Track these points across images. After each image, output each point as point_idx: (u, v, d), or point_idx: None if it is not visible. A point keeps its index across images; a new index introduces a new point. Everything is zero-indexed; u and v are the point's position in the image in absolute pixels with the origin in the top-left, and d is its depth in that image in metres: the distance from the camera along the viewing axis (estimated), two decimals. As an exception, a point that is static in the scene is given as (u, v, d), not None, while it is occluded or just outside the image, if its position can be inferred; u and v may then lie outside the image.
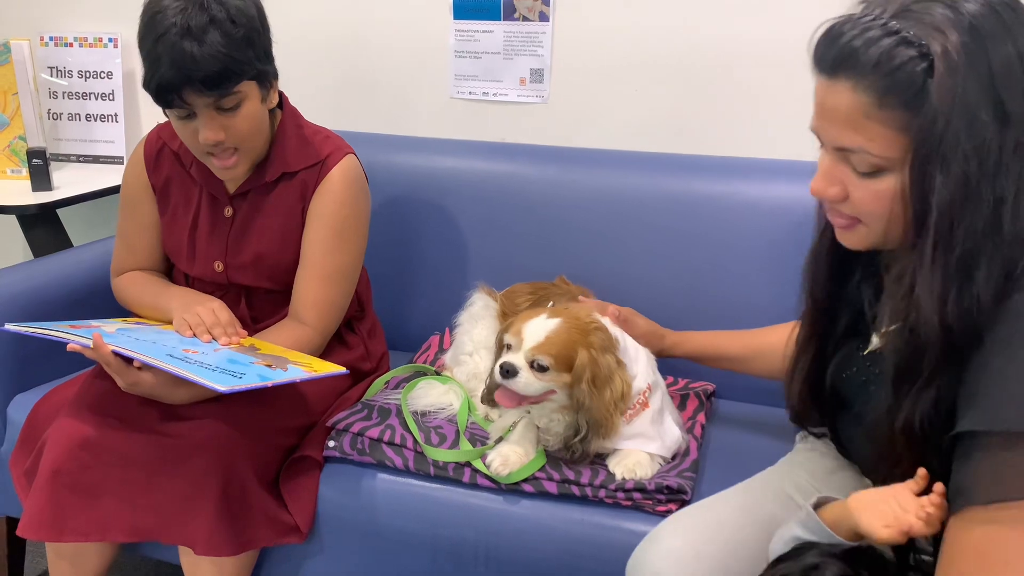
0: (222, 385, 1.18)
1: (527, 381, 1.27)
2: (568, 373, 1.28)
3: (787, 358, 1.12)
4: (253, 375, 1.24)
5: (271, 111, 1.47)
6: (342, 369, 1.35)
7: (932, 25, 0.78)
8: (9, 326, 1.35)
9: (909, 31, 0.79)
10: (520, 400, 1.30)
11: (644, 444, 1.33)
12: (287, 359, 1.33)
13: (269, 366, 1.29)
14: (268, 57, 1.40)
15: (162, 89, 1.30)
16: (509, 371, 1.27)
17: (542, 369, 1.28)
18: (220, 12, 1.30)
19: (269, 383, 1.23)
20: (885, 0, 0.83)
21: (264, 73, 1.39)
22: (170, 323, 1.43)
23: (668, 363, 1.53)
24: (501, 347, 1.35)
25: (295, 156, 1.48)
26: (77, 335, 1.29)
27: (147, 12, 1.32)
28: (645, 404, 1.34)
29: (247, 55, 1.33)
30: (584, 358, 1.28)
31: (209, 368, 1.25)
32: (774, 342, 1.23)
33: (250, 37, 1.33)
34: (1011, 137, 0.78)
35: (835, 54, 0.84)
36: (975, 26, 0.78)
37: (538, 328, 1.29)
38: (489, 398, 1.37)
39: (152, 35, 1.30)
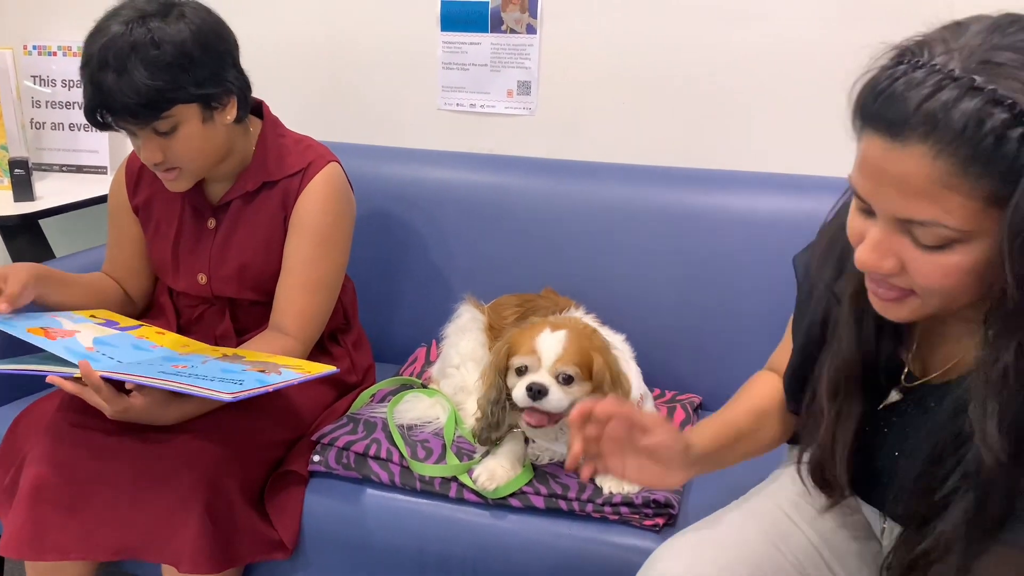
0: (226, 393, 1.16)
1: (559, 397, 1.26)
2: (589, 381, 1.29)
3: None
4: (252, 380, 1.23)
5: (243, 122, 1.45)
6: (333, 368, 1.34)
7: (1018, 80, 0.69)
8: None
9: (998, 89, 0.68)
10: (552, 418, 1.29)
11: None
12: (276, 364, 1.32)
13: (262, 371, 1.28)
14: (213, 78, 1.34)
15: (89, 114, 1.33)
16: (540, 391, 1.25)
17: (568, 381, 1.27)
18: (144, 38, 1.27)
19: (270, 387, 1.22)
20: (943, 45, 0.73)
21: (206, 96, 1.34)
22: (146, 325, 1.43)
23: (653, 375, 1.53)
24: (501, 371, 1.33)
25: (276, 165, 1.48)
26: (56, 357, 1.26)
27: (87, 36, 1.33)
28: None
29: (176, 81, 1.29)
30: (600, 362, 1.29)
31: (207, 379, 1.23)
32: (767, 397, 1.12)
33: (179, 63, 1.29)
34: None
35: (903, 114, 0.72)
36: None
37: (553, 342, 1.29)
38: (488, 436, 1.34)
39: (81, 62, 1.31)
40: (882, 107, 0.74)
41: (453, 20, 1.94)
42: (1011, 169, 0.69)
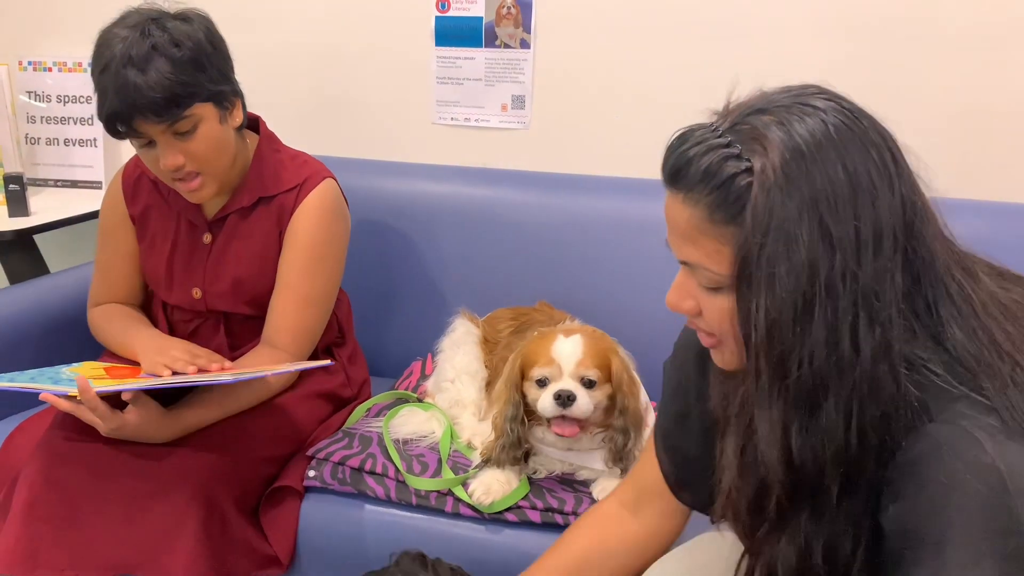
0: (224, 376, 1.21)
1: (586, 402, 1.26)
2: (608, 383, 1.29)
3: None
4: (245, 374, 1.27)
5: (241, 132, 1.46)
6: (328, 360, 1.39)
7: (758, 140, 0.75)
8: None
9: (737, 145, 0.76)
10: (582, 424, 1.28)
11: None
12: (272, 369, 1.36)
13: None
14: (223, 77, 1.38)
15: (111, 120, 1.30)
16: (569, 397, 1.25)
17: (590, 385, 1.28)
18: (162, 38, 1.29)
19: (269, 373, 1.28)
20: (729, 111, 0.81)
21: (220, 93, 1.36)
22: (138, 365, 1.41)
23: (648, 387, 1.53)
24: (517, 385, 1.32)
25: (272, 180, 1.48)
26: (48, 385, 1.27)
27: (96, 44, 1.33)
28: (645, 424, 1.34)
29: (196, 78, 1.31)
30: (617, 363, 1.30)
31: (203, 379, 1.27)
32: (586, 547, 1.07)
33: (197, 59, 1.32)
34: (839, 262, 0.72)
35: (672, 164, 0.81)
36: (799, 147, 0.73)
37: (570, 347, 1.29)
38: (510, 455, 1.31)
39: (98, 67, 1.30)
40: (665, 160, 0.83)
41: (447, 35, 1.95)
42: (740, 215, 0.75)
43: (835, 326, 0.73)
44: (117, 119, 1.29)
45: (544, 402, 1.27)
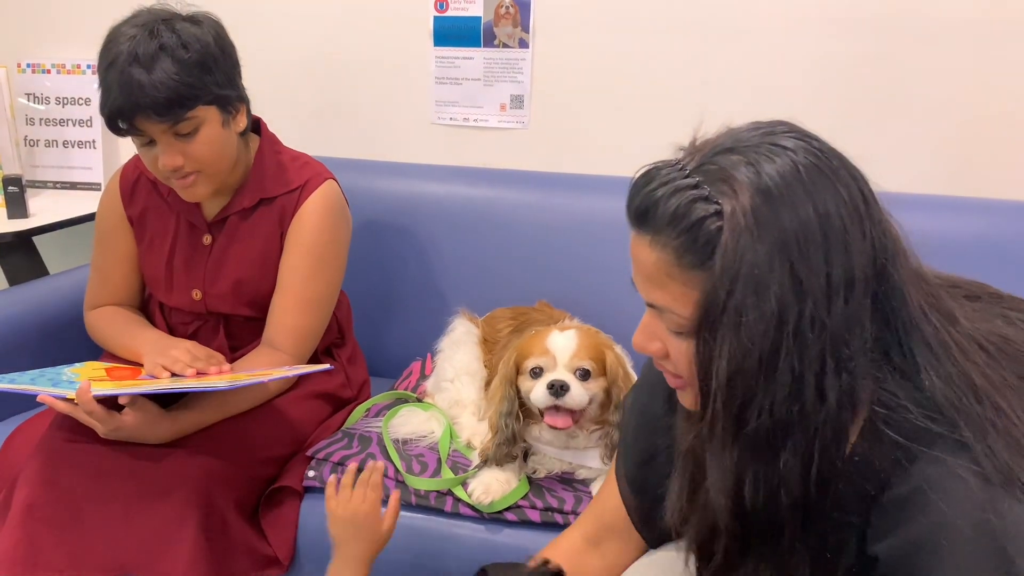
0: (223, 382, 1.21)
1: (579, 393, 1.26)
2: (604, 376, 1.30)
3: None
4: (243, 381, 1.27)
5: (245, 136, 1.46)
6: (326, 365, 1.39)
7: (726, 181, 0.72)
8: None
9: (705, 186, 0.73)
10: (575, 416, 1.28)
11: None
12: (270, 374, 1.35)
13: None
14: (230, 82, 1.38)
15: (113, 116, 1.30)
16: (562, 387, 1.25)
17: (584, 376, 1.28)
18: (171, 39, 1.29)
19: (266, 378, 1.28)
20: (696, 148, 0.78)
21: (225, 98, 1.37)
22: (140, 365, 1.41)
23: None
24: (512, 381, 1.32)
25: (273, 182, 1.48)
26: (47, 387, 1.27)
27: (104, 40, 1.33)
28: None
29: (201, 80, 1.31)
30: (612, 357, 1.31)
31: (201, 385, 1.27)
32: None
33: (204, 62, 1.32)
34: (809, 310, 0.70)
35: (638, 205, 0.77)
36: (769, 188, 0.71)
37: (565, 340, 1.30)
38: (505, 452, 1.31)
39: (104, 63, 1.30)
40: (631, 199, 0.79)
41: (446, 35, 1.95)
42: (708, 259, 0.72)
43: (801, 375, 0.71)
44: (119, 116, 1.30)
45: (537, 392, 1.27)
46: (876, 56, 1.71)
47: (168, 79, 1.27)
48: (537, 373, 1.29)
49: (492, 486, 1.30)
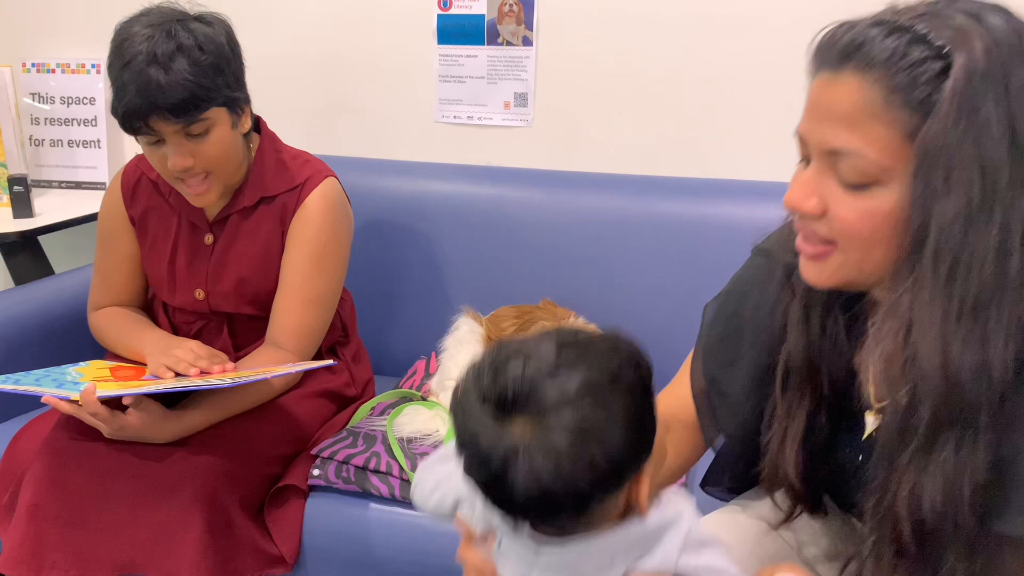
0: (224, 380, 1.21)
1: None
2: None
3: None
4: (246, 377, 1.27)
5: (247, 136, 1.47)
6: (330, 360, 1.41)
7: (955, 28, 0.72)
8: None
9: (928, 30, 0.72)
10: None
11: None
12: (274, 370, 1.36)
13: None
14: (239, 83, 1.39)
15: (128, 116, 1.30)
16: None
17: None
18: (188, 39, 1.30)
19: (270, 374, 1.29)
20: (898, 10, 0.77)
21: (234, 99, 1.37)
22: (144, 365, 1.41)
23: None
24: None
25: (273, 180, 1.48)
26: (52, 387, 1.27)
27: (116, 39, 1.32)
28: None
29: (215, 82, 1.32)
30: None
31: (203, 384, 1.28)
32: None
33: (218, 64, 1.33)
34: (1019, 165, 0.71)
35: (843, 45, 0.76)
36: (999, 40, 0.71)
37: None
38: None
39: (119, 62, 1.30)
40: (830, 44, 0.78)
41: (449, 33, 1.95)
42: (926, 101, 0.71)
43: (1008, 229, 0.71)
44: (134, 115, 1.29)
45: None
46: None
47: (185, 80, 1.28)
48: None
49: (496, 485, 1.30)
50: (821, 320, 0.88)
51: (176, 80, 1.27)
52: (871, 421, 0.88)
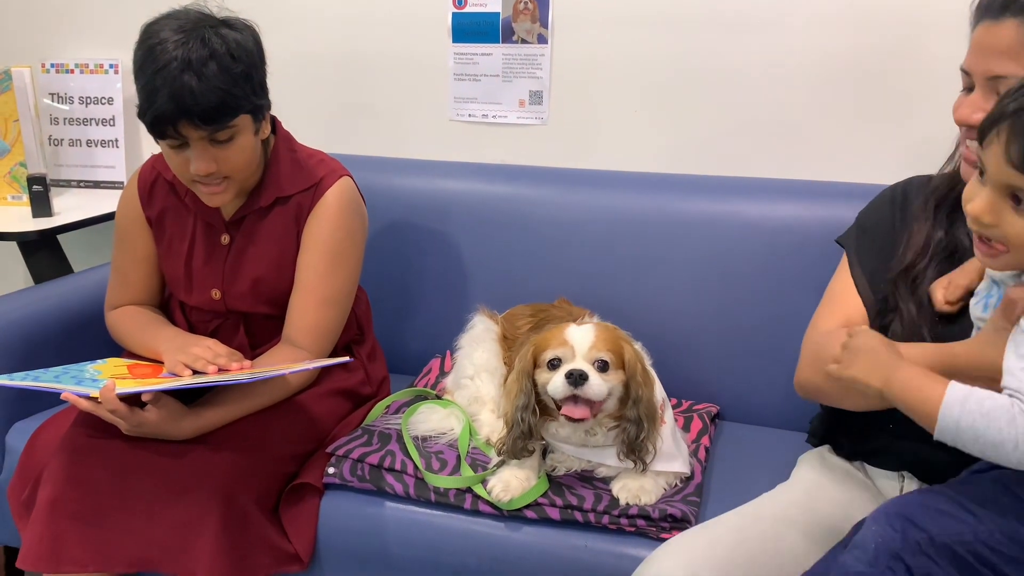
0: (243, 376, 1.22)
1: (598, 383, 1.25)
2: (622, 370, 1.29)
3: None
4: (264, 372, 1.28)
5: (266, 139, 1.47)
6: (346, 357, 1.43)
7: None
8: None
9: None
10: (593, 408, 1.27)
11: (668, 463, 1.33)
12: (291, 367, 1.37)
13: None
14: (263, 90, 1.40)
15: (158, 121, 1.30)
16: (581, 376, 1.24)
17: (603, 368, 1.27)
18: (220, 46, 1.30)
19: (287, 371, 1.30)
20: None
21: (259, 107, 1.38)
22: (160, 363, 1.42)
23: (669, 384, 1.52)
24: (529, 374, 1.30)
25: (289, 180, 1.48)
26: (71, 385, 1.28)
27: (144, 43, 1.32)
28: (661, 420, 1.33)
29: (244, 90, 1.32)
30: (630, 352, 1.30)
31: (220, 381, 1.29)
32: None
33: (248, 72, 1.33)
34: None
35: (1003, 3, 1.01)
36: None
37: (583, 332, 1.29)
38: (521, 446, 1.30)
39: (151, 67, 1.29)
40: (990, 3, 1.04)
41: (464, 31, 1.95)
42: None
43: None
44: (165, 120, 1.29)
45: (556, 382, 1.26)
46: (902, 47, 1.68)
47: (217, 87, 1.28)
48: (555, 364, 1.28)
49: (512, 484, 1.30)
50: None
51: (209, 87, 1.28)
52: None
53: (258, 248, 1.49)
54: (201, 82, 1.27)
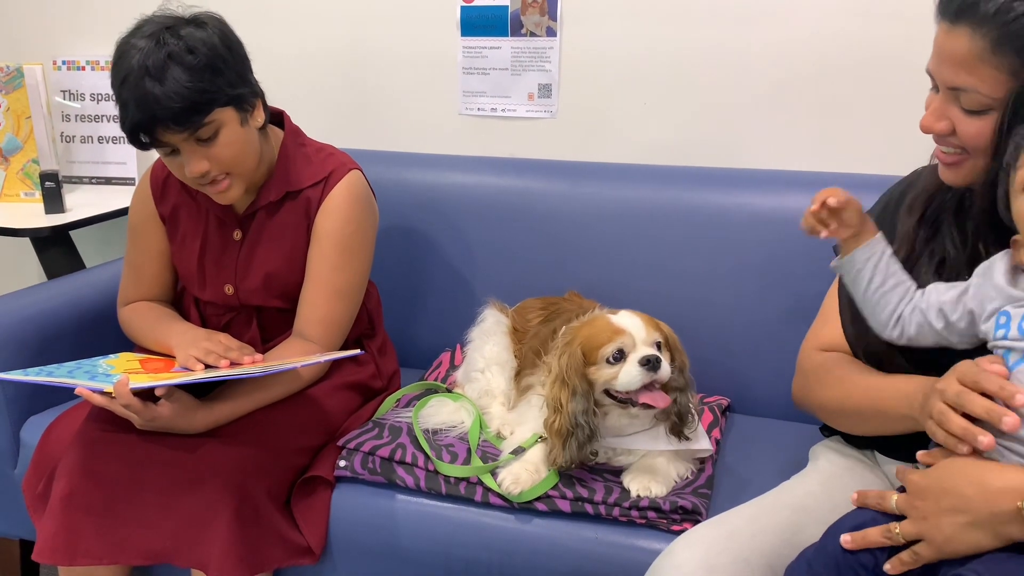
0: (256, 369, 1.24)
1: (666, 365, 1.26)
2: (668, 348, 1.31)
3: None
4: (276, 366, 1.30)
5: (264, 130, 1.46)
6: (357, 350, 1.42)
7: None
8: (3, 375, 1.34)
9: None
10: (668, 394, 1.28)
11: (698, 440, 1.34)
12: (303, 360, 1.37)
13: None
14: (242, 80, 1.37)
15: (134, 131, 1.31)
16: (654, 361, 1.24)
17: (659, 349, 1.28)
18: (177, 46, 1.28)
19: (299, 365, 1.30)
20: None
21: (239, 96, 1.36)
22: (172, 357, 1.43)
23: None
24: (582, 374, 1.27)
25: (298, 174, 1.48)
26: (84, 380, 1.29)
27: (115, 55, 1.33)
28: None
29: (214, 83, 1.31)
30: (667, 328, 1.33)
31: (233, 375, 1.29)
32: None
33: (214, 65, 1.31)
34: None
35: (959, 3, 0.95)
36: None
37: (633, 319, 1.30)
38: (584, 453, 1.26)
39: (117, 79, 1.30)
40: (947, 4, 0.98)
41: (473, 25, 1.94)
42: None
43: None
44: (140, 130, 1.30)
45: (630, 372, 1.24)
46: (914, 38, 1.67)
47: (181, 88, 1.27)
48: (619, 356, 1.26)
49: (522, 476, 1.30)
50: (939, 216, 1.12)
51: (172, 90, 1.27)
52: None
53: (270, 242, 1.50)
54: (164, 86, 1.27)
